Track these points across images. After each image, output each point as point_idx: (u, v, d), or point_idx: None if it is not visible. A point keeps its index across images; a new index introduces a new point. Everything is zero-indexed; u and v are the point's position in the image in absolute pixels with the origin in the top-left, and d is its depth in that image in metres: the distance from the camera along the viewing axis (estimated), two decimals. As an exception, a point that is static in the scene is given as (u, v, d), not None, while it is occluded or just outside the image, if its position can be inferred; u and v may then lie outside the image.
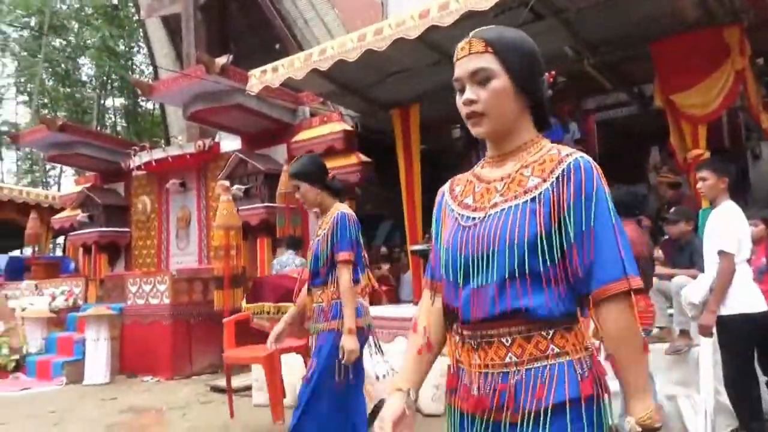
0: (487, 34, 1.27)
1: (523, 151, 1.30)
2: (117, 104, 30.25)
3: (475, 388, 1.22)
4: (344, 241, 2.85)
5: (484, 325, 1.22)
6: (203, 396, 5.80)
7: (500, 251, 1.20)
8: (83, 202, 11.77)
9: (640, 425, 1.17)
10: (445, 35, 5.68)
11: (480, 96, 1.25)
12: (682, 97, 5.67)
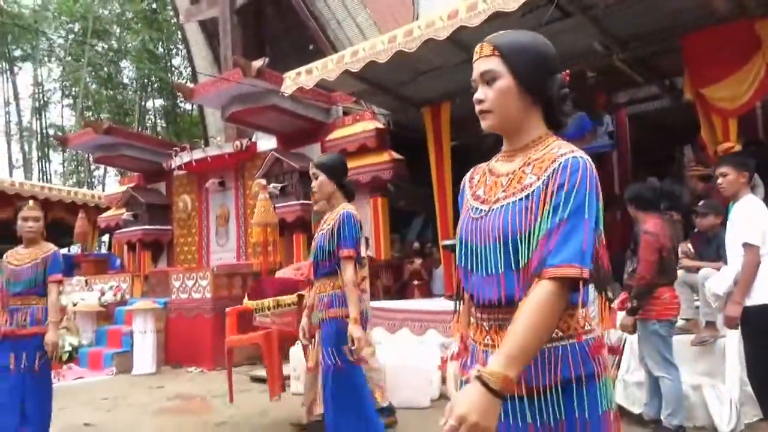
0: (494, 40, 1.40)
1: (531, 148, 1.39)
2: (157, 105, 31.06)
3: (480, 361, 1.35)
4: (349, 238, 3.03)
5: (494, 309, 1.34)
6: (243, 385, 6.09)
7: (499, 245, 1.32)
8: (128, 202, 12.28)
9: (479, 372, 1.17)
10: (474, 34, 5.79)
11: (487, 95, 1.38)
12: (712, 90, 5.67)
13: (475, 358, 1.39)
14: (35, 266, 3.80)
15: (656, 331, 3.78)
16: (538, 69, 1.38)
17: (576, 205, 1.25)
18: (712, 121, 5.71)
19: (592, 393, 1.30)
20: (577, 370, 1.29)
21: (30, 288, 3.80)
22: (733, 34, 5.54)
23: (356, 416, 3.06)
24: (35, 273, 3.80)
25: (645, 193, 3.93)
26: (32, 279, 3.79)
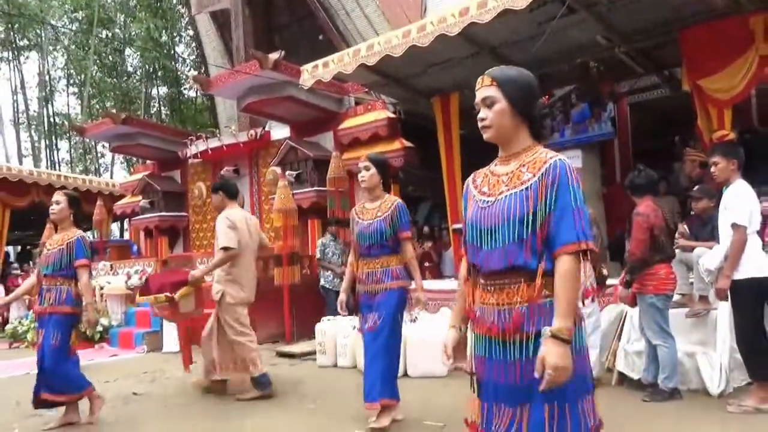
0: (493, 73, 1.86)
1: (522, 154, 1.83)
2: (162, 93, 31.27)
3: (489, 319, 1.79)
4: (407, 222, 3.76)
5: (497, 275, 1.77)
6: (271, 360, 6.53)
7: (504, 225, 1.75)
8: (144, 189, 12.67)
9: (551, 332, 1.62)
10: (484, 29, 6.18)
11: (488, 115, 1.83)
12: (708, 81, 6.03)
13: (480, 315, 1.83)
14: (61, 251, 4.16)
15: (654, 303, 4.21)
16: (525, 96, 1.83)
17: (565, 198, 1.70)
18: (708, 110, 6.09)
19: (578, 333, 1.72)
20: None
21: (56, 271, 4.15)
22: (728, 29, 5.89)
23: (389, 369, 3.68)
24: (61, 257, 4.15)
25: (638, 181, 4.37)
26: (58, 262, 4.15)
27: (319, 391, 4.92)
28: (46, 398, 4.07)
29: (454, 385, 4.95)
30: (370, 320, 3.71)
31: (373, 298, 3.72)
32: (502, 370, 1.75)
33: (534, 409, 1.69)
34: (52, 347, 4.01)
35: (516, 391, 1.73)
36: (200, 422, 4.16)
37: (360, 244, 3.81)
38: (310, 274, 8.47)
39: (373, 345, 3.65)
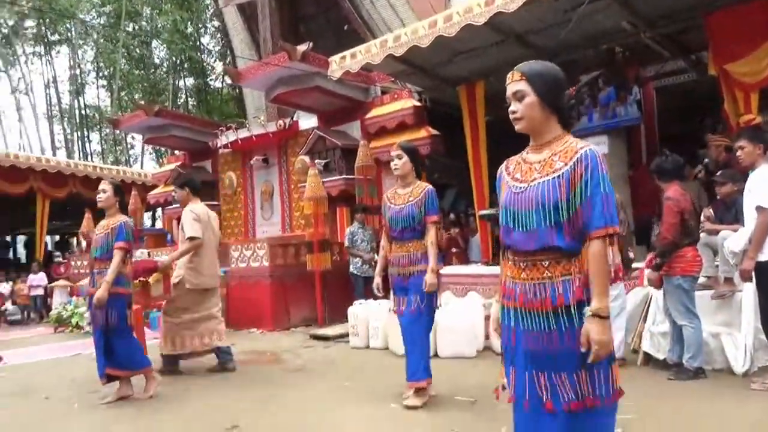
0: (522, 68, 2.00)
1: (553, 143, 1.97)
2: (188, 84, 31.75)
3: (519, 293, 1.95)
4: (435, 208, 3.92)
5: (528, 254, 1.93)
6: (306, 342, 6.80)
7: (537, 209, 1.90)
8: (176, 179, 13.01)
9: (592, 312, 1.82)
10: (509, 17, 6.28)
11: (518, 108, 1.97)
12: (734, 66, 6.06)
13: (511, 289, 2.00)
14: (107, 235, 4.43)
15: (680, 285, 4.33)
16: (553, 88, 1.97)
17: (595, 186, 1.85)
18: (735, 94, 6.12)
19: None
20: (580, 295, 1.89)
21: (104, 254, 4.41)
22: (754, 13, 5.90)
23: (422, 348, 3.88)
24: (107, 241, 4.42)
25: (665, 166, 4.47)
26: (105, 246, 4.42)
27: (353, 370, 5.16)
28: (111, 373, 4.37)
29: (482, 366, 5.16)
30: (405, 302, 3.90)
31: (406, 281, 3.90)
32: (531, 340, 1.91)
33: (564, 374, 1.87)
34: (113, 327, 4.30)
35: (544, 357, 1.90)
36: (246, 394, 4.41)
37: (392, 228, 4.00)
38: (340, 261, 8.71)
39: (414, 327, 3.85)
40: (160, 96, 30.14)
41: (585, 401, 1.86)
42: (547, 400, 1.89)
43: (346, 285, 8.42)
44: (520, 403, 1.96)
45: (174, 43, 26.81)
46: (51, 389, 4.91)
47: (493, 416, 3.58)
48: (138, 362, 4.49)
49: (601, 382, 1.87)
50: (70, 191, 14.60)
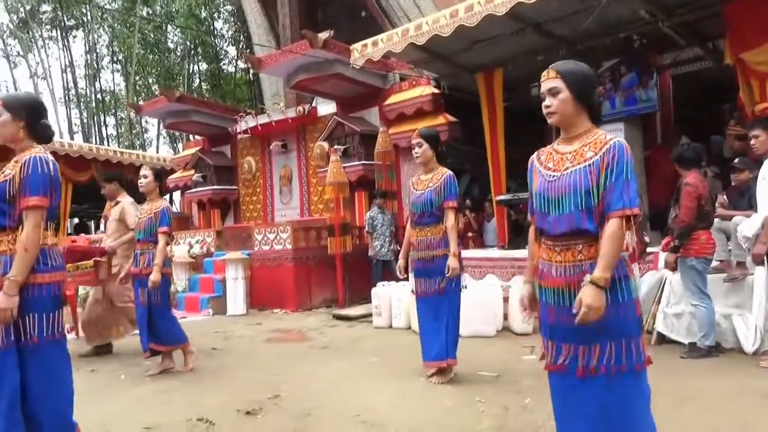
0: (557, 66, 2.17)
1: (583, 136, 2.16)
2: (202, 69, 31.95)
3: (555, 274, 2.15)
4: (453, 193, 4.07)
5: (562, 237, 2.12)
6: (329, 322, 7.08)
7: (570, 195, 2.09)
8: (196, 164, 13.30)
9: (591, 279, 1.97)
10: (529, 7, 6.40)
11: (553, 103, 2.15)
12: (751, 54, 6.17)
13: (547, 271, 2.20)
14: (150, 219, 4.69)
15: (694, 266, 4.53)
16: (585, 86, 2.16)
17: (619, 172, 2.04)
18: (751, 83, 6.23)
19: (627, 286, 2.10)
20: (621, 272, 2.09)
21: (147, 237, 4.69)
22: (771, 3, 6.01)
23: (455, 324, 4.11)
24: (150, 225, 4.68)
25: (687, 154, 4.65)
26: (148, 229, 4.69)
27: (379, 348, 5.41)
28: (155, 348, 4.67)
29: (501, 344, 5.40)
30: (427, 284, 4.09)
31: (429, 264, 4.07)
32: (568, 315, 2.07)
33: (598, 345, 2.07)
34: (155, 304, 4.58)
35: (580, 331, 2.08)
36: (280, 368, 4.68)
37: (414, 212, 4.18)
38: (359, 244, 8.95)
39: (440, 309, 4.04)
40: (173, 80, 30.41)
41: (619, 367, 2.05)
42: (583, 368, 2.08)
43: (365, 268, 8.67)
44: (559, 372, 2.16)
45: (188, 28, 26.98)
46: (95, 363, 5.21)
47: (516, 389, 3.82)
48: (178, 338, 4.77)
49: (632, 350, 2.06)
50: (92, 175, 14.92)
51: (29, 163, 2.46)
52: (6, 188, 2.45)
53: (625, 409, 2.06)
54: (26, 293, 2.39)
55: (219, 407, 3.57)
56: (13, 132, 2.56)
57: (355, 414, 3.35)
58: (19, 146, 2.59)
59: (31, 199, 2.43)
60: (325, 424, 3.22)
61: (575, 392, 2.11)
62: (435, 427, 3.10)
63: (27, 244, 2.38)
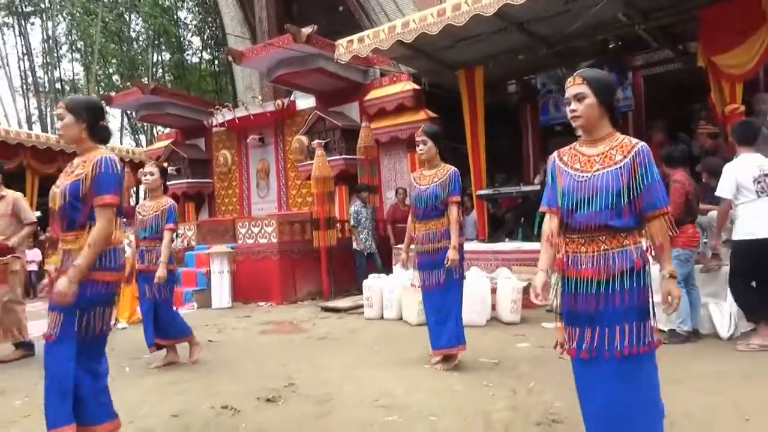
0: (583, 74, 2.35)
1: (606, 139, 2.34)
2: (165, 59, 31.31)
3: (582, 265, 2.33)
4: (458, 188, 4.24)
5: (590, 231, 2.31)
6: (319, 314, 7.18)
7: (600, 194, 2.28)
8: (169, 157, 13.15)
9: (669, 274, 2.30)
10: (515, 7, 6.62)
11: (578, 108, 2.32)
12: (722, 58, 6.53)
13: (573, 264, 2.39)
14: (156, 217, 4.75)
15: (679, 256, 4.83)
16: (608, 92, 2.34)
17: (651, 175, 2.27)
18: (722, 85, 6.60)
19: (646, 273, 2.32)
20: (643, 260, 2.32)
21: (153, 234, 4.76)
22: (742, 9, 6.36)
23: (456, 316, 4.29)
24: (157, 222, 4.74)
25: (675, 154, 4.98)
26: (155, 226, 4.75)
27: (376, 338, 5.56)
28: (160, 342, 4.71)
29: (491, 333, 5.62)
30: (432, 277, 4.25)
31: (434, 256, 4.22)
32: (591, 302, 2.29)
33: (618, 327, 2.27)
34: (162, 300, 4.63)
35: (602, 314, 2.29)
36: (287, 358, 4.76)
37: (417, 207, 4.31)
38: (342, 237, 9.07)
39: (446, 299, 4.22)
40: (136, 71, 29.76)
41: (634, 349, 2.24)
42: (604, 351, 2.26)
43: (349, 261, 8.81)
44: (582, 356, 2.34)
45: (153, 16, 26.45)
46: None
47: (517, 374, 4.03)
48: (183, 331, 4.83)
49: (645, 333, 2.27)
50: (60, 167, 14.54)
51: (101, 163, 2.59)
52: (79, 187, 2.57)
53: (643, 384, 2.29)
54: (92, 289, 2.54)
55: (237, 395, 3.66)
56: (76, 133, 2.69)
57: (374, 399, 3.50)
58: (80, 147, 2.73)
59: (104, 197, 2.57)
60: (347, 408, 3.36)
61: (597, 373, 2.30)
62: (454, 409, 3.27)
63: (97, 239, 2.51)
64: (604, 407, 2.29)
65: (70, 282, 2.44)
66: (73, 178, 2.62)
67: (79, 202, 2.59)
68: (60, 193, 2.61)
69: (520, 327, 5.78)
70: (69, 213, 2.60)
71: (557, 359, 4.40)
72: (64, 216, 2.62)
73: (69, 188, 2.59)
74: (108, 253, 2.58)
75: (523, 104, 10.41)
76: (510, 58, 8.47)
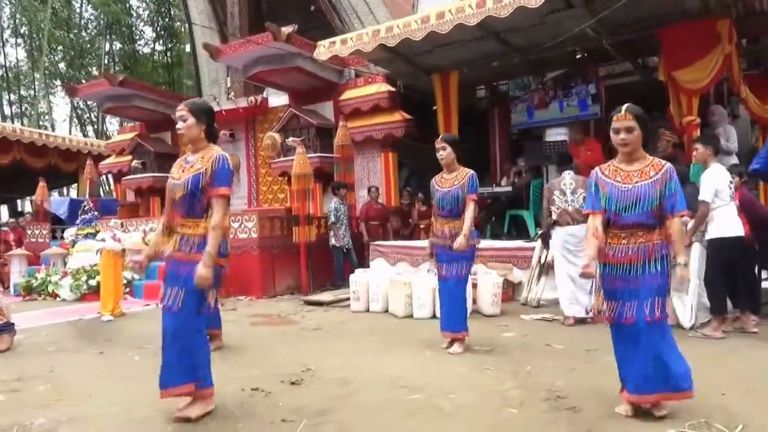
0: (632, 110, 2.99)
1: (641, 159, 3.05)
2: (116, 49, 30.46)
3: (622, 253, 3.02)
4: (475, 188, 4.65)
5: (631, 228, 3.00)
6: (303, 307, 7.37)
7: (641, 201, 2.98)
8: (135, 150, 13.00)
9: (684, 262, 2.90)
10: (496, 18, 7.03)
11: (628, 137, 2.99)
12: (681, 73, 7.16)
13: (613, 253, 3.04)
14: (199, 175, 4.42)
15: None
16: (646, 125, 3.03)
17: (675, 185, 2.98)
18: (680, 98, 7.23)
19: (668, 260, 2.95)
20: (665, 250, 2.95)
21: None
22: (700, 29, 7.00)
23: (461, 305, 4.72)
24: None
25: None
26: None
27: (369, 328, 5.83)
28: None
29: (477, 325, 5.93)
30: (450, 269, 4.64)
31: (451, 250, 4.59)
32: (630, 281, 2.99)
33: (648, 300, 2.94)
34: None
35: (636, 291, 2.97)
36: (296, 347, 4.97)
37: (441, 207, 4.73)
38: (319, 233, 9.29)
39: (458, 288, 4.66)
40: (83, 59, 28.89)
41: (656, 316, 2.93)
42: (637, 317, 2.95)
43: (327, 256, 9.04)
44: (620, 322, 3.02)
45: (105, 5, 25.75)
46: (97, 346, 5.27)
47: (512, 360, 4.40)
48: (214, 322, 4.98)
49: (665, 305, 2.98)
50: (15, 158, 14.13)
51: (219, 160, 3.06)
52: (200, 179, 2.98)
53: (665, 342, 2.97)
54: None
55: (260, 380, 3.86)
56: (196, 134, 3.13)
57: (390, 381, 3.79)
58: (197, 145, 3.11)
59: (221, 189, 3.04)
60: (369, 389, 3.63)
61: (631, 335, 3.00)
62: (467, 388, 3.60)
63: (217, 225, 2.98)
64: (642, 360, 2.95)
65: (207, 267, 2.92)
66: (194, 171, 3.04)
67: (200, 193, 3.02)
68: (183, 185, 3.01)
69: (501, 319, 6.18)
70: (190, 202, 3.02)
71: (544, 346, 4.86)
72: (184, 205, 3.04)
73: (191, 180, 2.99)
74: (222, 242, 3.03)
75: (491, 109, 10.89)
76: (485, 64, 8.91)
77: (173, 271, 3.07)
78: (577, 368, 4.09)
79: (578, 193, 5.96)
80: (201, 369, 3.12)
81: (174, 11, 28.68)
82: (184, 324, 3.02)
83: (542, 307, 6.75)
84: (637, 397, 2.99)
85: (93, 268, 8.79)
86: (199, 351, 3.12)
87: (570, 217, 5.96)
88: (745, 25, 7.41)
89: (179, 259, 3.06)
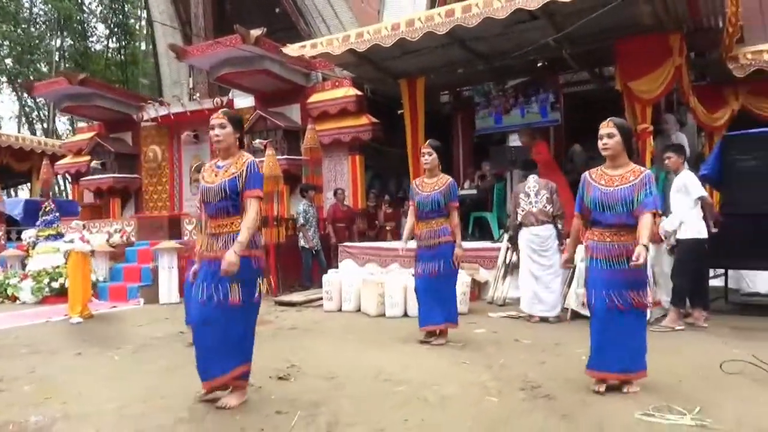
0: (614, 121, 3.47)
1: (624, 165, 3.49)
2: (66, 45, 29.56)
3: (605, 250, 3.42)
4: (456, 195, 5.04)
5: (612, 227, 3.44)
6: (275, 308, 7.44)
7: (620, 203, 3.40)
8: (93, 150, 12.76)
9: (643, 244, 3.23)
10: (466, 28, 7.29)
11: (609, 142, 3.44)
12: (635, 84, 7.57)
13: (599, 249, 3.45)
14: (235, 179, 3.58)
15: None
16: (628, 135, 3.53)
17: (650, 188, 3.37)
18: (635, 107, 7.64)
19: None
20: None
21: None
22: (653, 43, 7.43)
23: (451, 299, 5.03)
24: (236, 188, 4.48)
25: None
26: None
27: (344, 327, 5.97)
28: None
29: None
30: (431, 267, 4.91)
31: (433, 249, 4.92)
32: (612, 274, 3.42)
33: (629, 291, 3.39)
34: None
35: (617, 282, 3.41)
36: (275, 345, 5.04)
37: (420, 209, 5.02)
38: (288, 235, 9.36)
39: (443, 284, 4.93)
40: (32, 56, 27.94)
41: (641, 305, 3.44)
42: (619, 304, 3.39)
43: (295, 257, 9.12)
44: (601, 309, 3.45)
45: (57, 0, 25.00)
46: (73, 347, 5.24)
47: (485, 354, 4.63)
48: None
49: (645, 293, 3.47)
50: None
51: (252, 165, 3.34)
52: (236, 182, 3.28)
53: (639, 329, 3.50)
54: (257, 263, 3.30)
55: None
56: (232, 141, 3.39)
57: (374, 375, 3.96)
58: (229, 151, 3.40)
59: (255, 191, 3.32)
60: (356, 383, 3.78)
61: (611, 320, 3.43)
62: (449, 380, 3.80)
63: (250, 224, 3.21)
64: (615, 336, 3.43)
65: (236, 254, 3.10)
66: (230, 176, 3.28)
67: (236, 195, 3.27)
68: (218, 188, 3.23)
69: (470, 317, 6.42)
70: (225, 204, 3.27)
71: (513, 341, 5.12)
72: (219, 206, 3.25)
73: (228, 184, 3.25)
74: (256, 236, 3.31)
75: (455, 114, 11.19)
76: (450, 70, 9.19)
77: (213, 270, 3.20)
78: (546, 361, 4.35)
79: (541, 195, 6.29)
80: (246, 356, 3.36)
81: (128, 7, 28.06)
82: (229, 315, 3.20)
83: (508, 305, 7.04)
84: (614, 375, 3.48)
85: (56, 270, 8.61)
86: (245, 341, 3.36)
87: (534, 218, 6.27)
88: (694, 40, 7.90)
89: (220, 257, 3.17)
